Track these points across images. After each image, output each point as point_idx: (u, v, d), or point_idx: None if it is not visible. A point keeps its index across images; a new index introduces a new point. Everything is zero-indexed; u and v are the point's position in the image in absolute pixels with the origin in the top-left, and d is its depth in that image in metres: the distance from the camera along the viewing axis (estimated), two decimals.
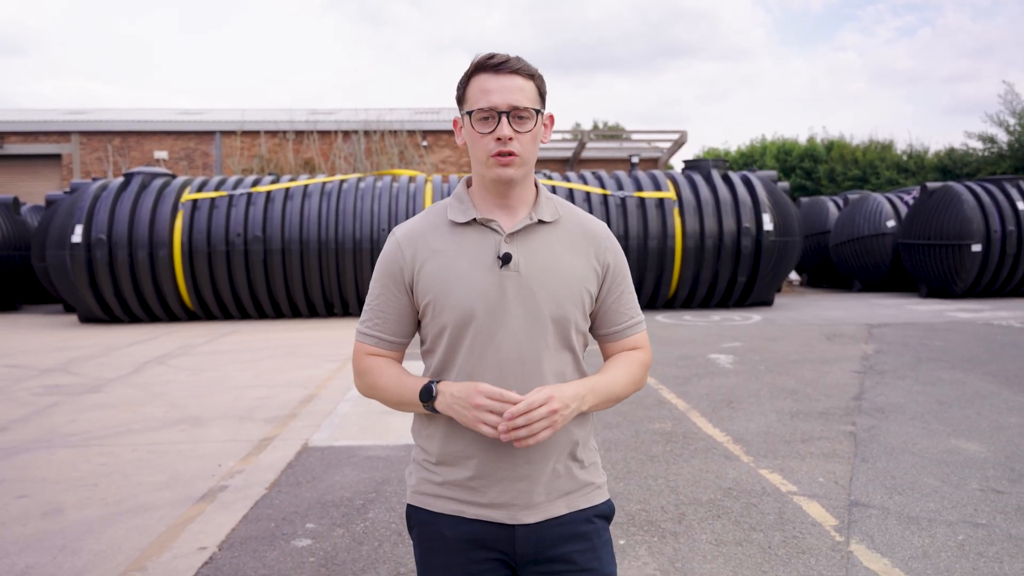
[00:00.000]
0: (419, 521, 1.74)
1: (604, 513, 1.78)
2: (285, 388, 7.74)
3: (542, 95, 1.70)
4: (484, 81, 1.64)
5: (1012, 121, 29.83)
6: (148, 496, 4.63)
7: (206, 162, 26.48)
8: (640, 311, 1.84)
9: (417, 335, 1.83)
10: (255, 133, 26.33)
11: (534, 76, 1.68)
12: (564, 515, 1.71)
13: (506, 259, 1.66)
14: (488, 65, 1.65)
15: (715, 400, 6.81)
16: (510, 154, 1.64)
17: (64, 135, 26.62)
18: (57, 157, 26.67)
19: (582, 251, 1.74)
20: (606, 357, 1.83)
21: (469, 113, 1.66)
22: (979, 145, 31.42)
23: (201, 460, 5.33)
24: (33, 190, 25.82)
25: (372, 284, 1.78)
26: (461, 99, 1.70)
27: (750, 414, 6.29)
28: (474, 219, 1.70)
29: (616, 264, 1.78)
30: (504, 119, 1.62)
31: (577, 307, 1.71)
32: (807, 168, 37.20)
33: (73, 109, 31.15)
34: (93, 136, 26.52)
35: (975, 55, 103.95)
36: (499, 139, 1.63)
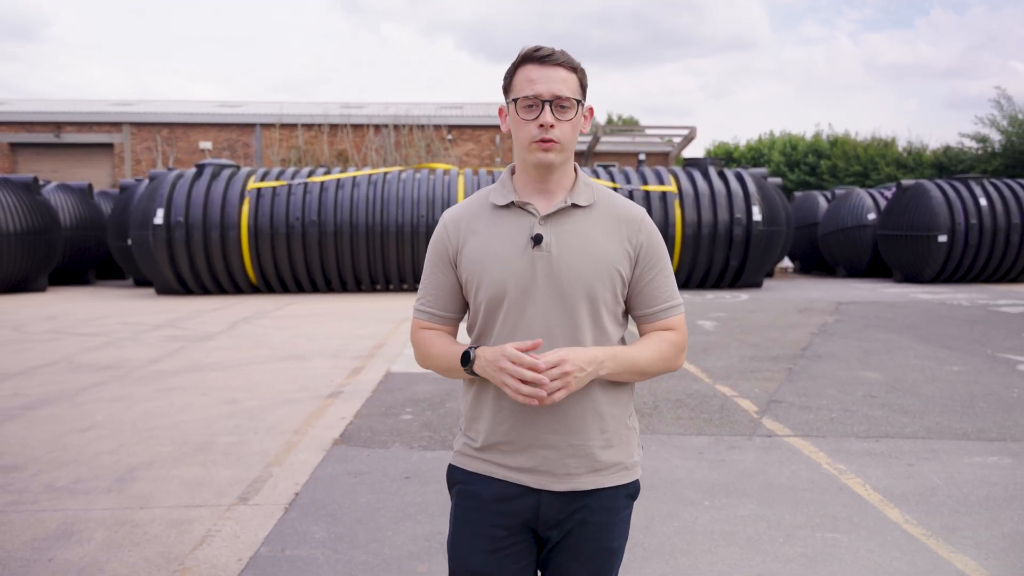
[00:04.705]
0: (459, 479, 1.88)
1: (630, 492, 1.86)
2: (357, 339, 9.82)
3: (583, 87, 1.79)
4: (530, 71, 1.74)
5: (1004, 122, 31.55)
6: (290, 395, 6.72)
7: (247, 152, 28.65)
8: (678, 295, 1.89)
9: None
10: (292, 126, 28.46)
11: (576, 69, 1.77)
12: (590, 491, 1.79)
13: (537, 240, 1.76)
14: (534, 56, 1.75)
15: (694, 349, 8.86)
16: (551, 140, 1.73)
17: (116, 126, 28.79)
18: (109, 146, 28.87)
19: (615, 234, 1.81)
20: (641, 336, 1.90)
21: (515, 101, 1.76)
22: (973, 144, 33.19)
23: (317, 378, 7.42)
24: (87, 177, 28.02)
25: (425, 264, 1.92)
26: (507, 88, 1.80)
27: (718, 357, 8.33)
28: (512, 202, 1.81)
29: (650, 246, 1.84)
30: (547, 107, 1.72)
31: (606, 287, 1.78)
32: (811, 163, 38.96)
33: (123, 100, 33.34)
34: (143, 127, 28.69)
35: (992, 48, 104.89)
36: (541, 126, 1.72)
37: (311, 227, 15.40)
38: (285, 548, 3.57)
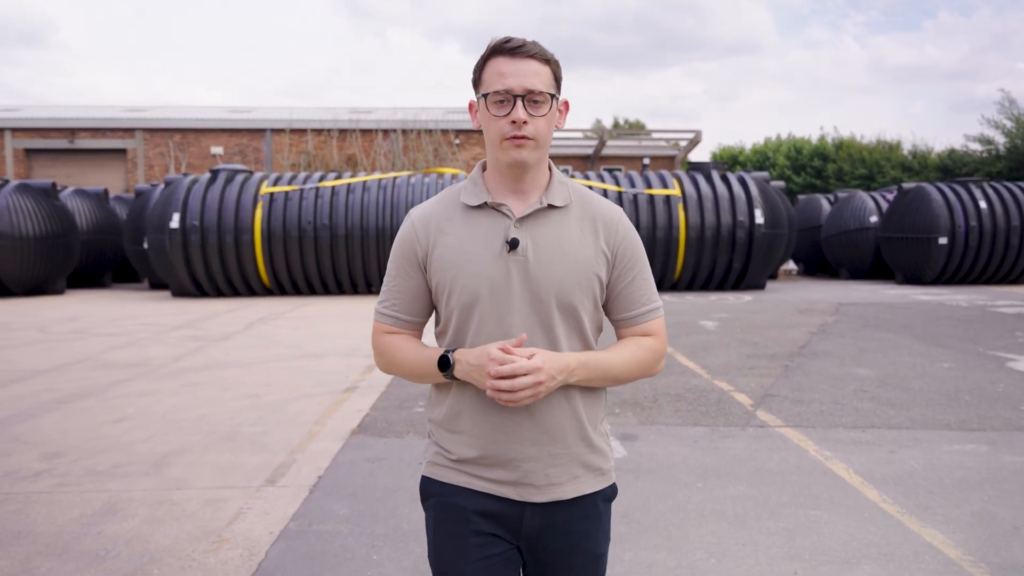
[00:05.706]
0: (435, 491, 1.78)
1: (608, 496, 1.83)
2: (369, 339, 10.15)
3: (557, 80, 1.70)
4: (500, 64, 1.65)
5: (1009, 124, 31.78)
6: (308, 390, 7.06)
7: (257, 157, 29.07)
8: (657, 298, 1.82)
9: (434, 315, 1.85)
10: (302, 131, 28.89)
11: (550, 61, 1.68)
12: (571, 499, 1.75)
13: (513, 244, 1.68)
14: (504, 48, 1.66)
15: (695, 347, 9.17)
16: (524, 137, 1.65)
17: (129, 131, 29.26)
18: (122, 152, 29.35)
19: (591, 235, 1.74)
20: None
21: (485, 96, 1.67)
22: (978, 147, 33.43)
23: (333, 375, 7.76)
24: (101, 182, 28.48)
25: (389, 265, 1.81)
26: (477, 82, 1.71)
27: (718, 355, 8.65)
28: (485, 203, 1.72)
29: (627, 247, 1.77)
30: (519, 102, 1.63)
31: (585, 293, 1.72)
32: (817, 167, 39.22)
33: (135, 107, 33.86)
34: (156, 133, 29.16)
35: (999, 50, 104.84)
36: (514, 122, 1.64)
37: (323, 230, 15.78)
38: (312, 523, 3.91)
